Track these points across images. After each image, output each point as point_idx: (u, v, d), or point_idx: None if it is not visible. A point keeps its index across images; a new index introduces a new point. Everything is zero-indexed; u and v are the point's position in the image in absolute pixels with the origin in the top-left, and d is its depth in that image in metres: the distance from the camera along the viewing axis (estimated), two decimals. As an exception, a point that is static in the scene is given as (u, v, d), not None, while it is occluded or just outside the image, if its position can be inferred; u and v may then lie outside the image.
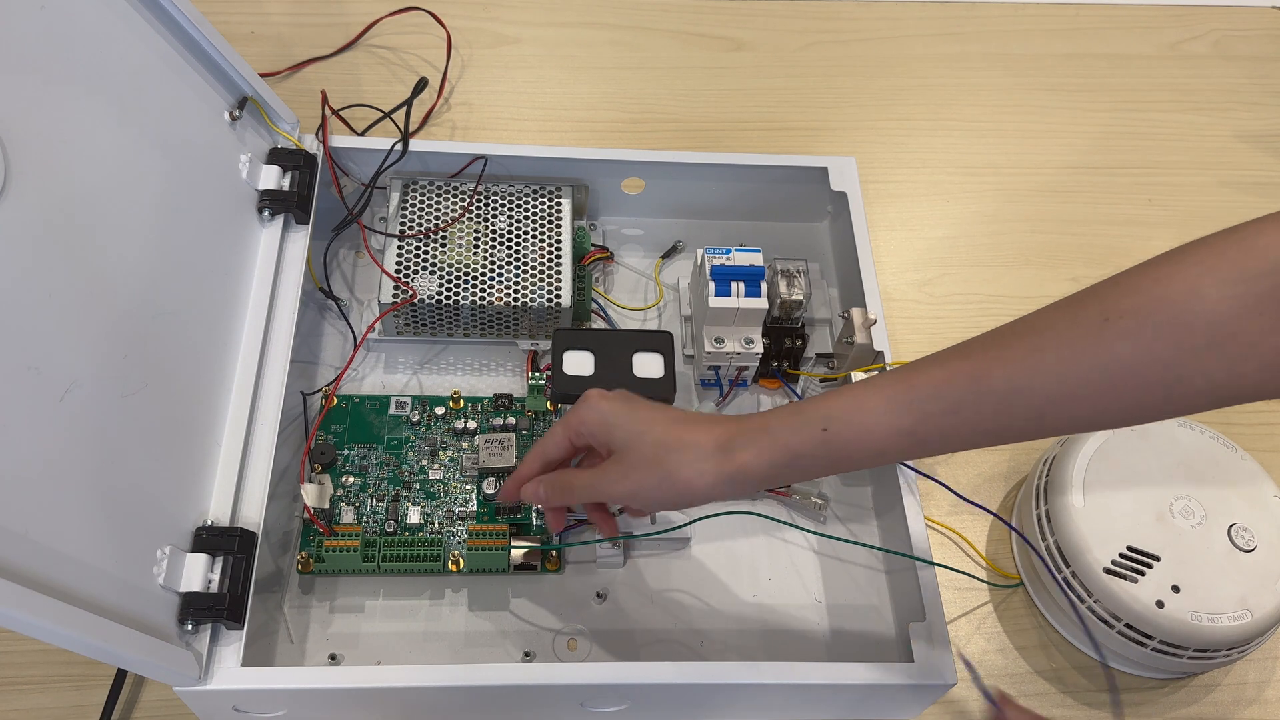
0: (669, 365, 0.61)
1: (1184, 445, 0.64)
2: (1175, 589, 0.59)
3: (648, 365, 0.61)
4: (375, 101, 0.79)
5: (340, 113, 0.77)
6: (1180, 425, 0.65)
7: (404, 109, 0.71)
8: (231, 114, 0.65)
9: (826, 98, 0.92)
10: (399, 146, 0.69)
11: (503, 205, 0.72)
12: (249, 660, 0.54)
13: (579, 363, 0.61)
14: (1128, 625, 0.59)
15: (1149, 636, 0.59)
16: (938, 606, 0.58)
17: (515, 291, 0.68)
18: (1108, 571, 0.59)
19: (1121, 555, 0.60)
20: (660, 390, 0.60)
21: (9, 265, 0.46)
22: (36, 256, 0.48)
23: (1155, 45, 0.99)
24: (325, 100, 0.69)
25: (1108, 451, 0.64)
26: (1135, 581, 0.59)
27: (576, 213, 0.74)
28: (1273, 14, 1.02)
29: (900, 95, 0.93)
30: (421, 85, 0.72)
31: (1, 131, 0.47)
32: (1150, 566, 0.59)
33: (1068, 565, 0.61)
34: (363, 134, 0.73)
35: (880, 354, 0.66)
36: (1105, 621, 0.60)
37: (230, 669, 0.52)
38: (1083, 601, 0.61)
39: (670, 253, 0.78)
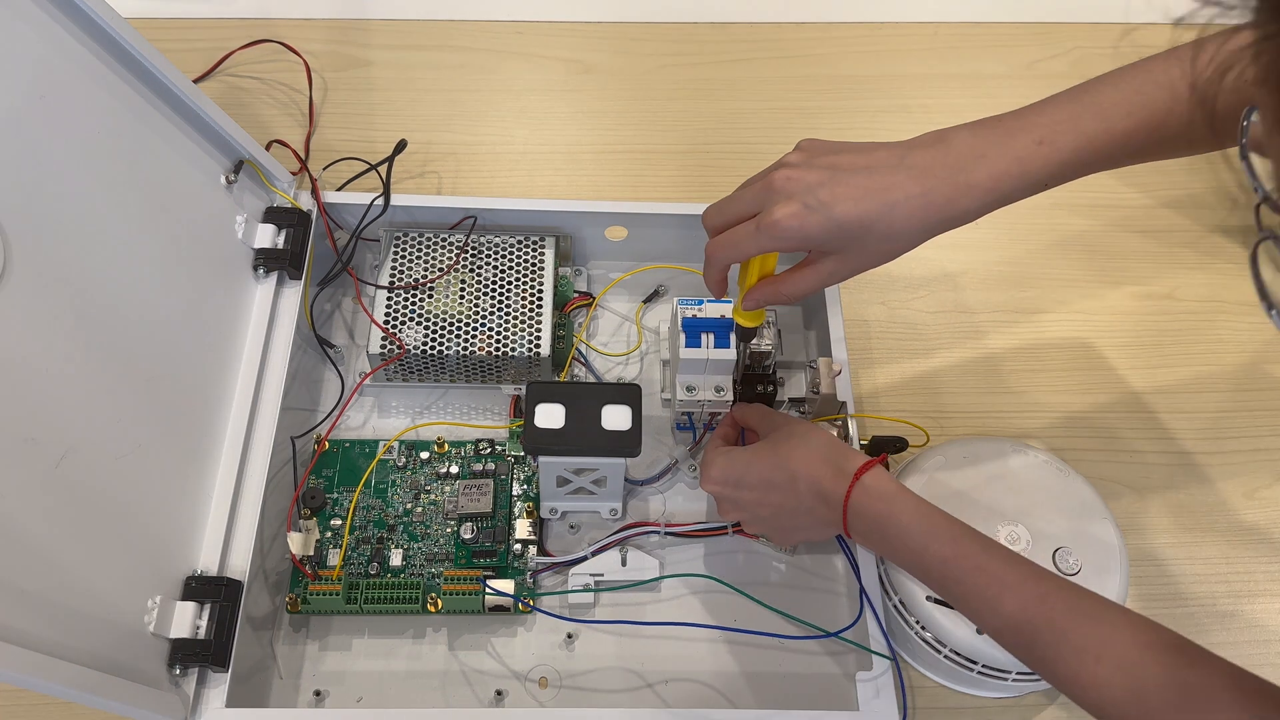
0: (636, 417, 0.64)
1: (1017, 470, 0.66)
2: None
3: (615, 418, 0.64)
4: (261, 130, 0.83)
5: (328, 167, 0.82)
6: (1014, 449, 0.67)
7: (386, 165, 0.75)
8: (227, 178, 0.69)
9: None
10: (379, 202, 0.74)
11: (489, 256, 0.75)
12: (237, 698, 0.58)
13: (550, 415, 0.64)
14: (953, 651, 0.61)
15: (973, 661, 0.61)
16: (885, 658, 0.60)
17: (498, 341, 0.71)
18: (930, 600, 0.62)
19: None
20: (626, 443, 0.63)
21: (8, 346, 0.50)
22: (35, 335, 0.52)
23: (1011, 64, 0.97)
24: (303, 162, 0.74)
25: (940, 480, 0.66)
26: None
27: (562, 260, 0.77)
28: (1136, 30, 0.98)
29: (742, 117, 0.94)
30: (401, 146, 0.77)
31: (1, 217, 0.51)
32: None
33: (896, 593, 0.63)
34: (341, 189, 0.78)
35: (843, 404, 0.69)
36: (933, 647, 0.62)
37: (215, 710, 0.57)
38: (910, 628, 0.63)
39: (652, 297, 0.81)
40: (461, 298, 0.73)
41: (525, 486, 0.70)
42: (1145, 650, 0.47)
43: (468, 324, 0.72)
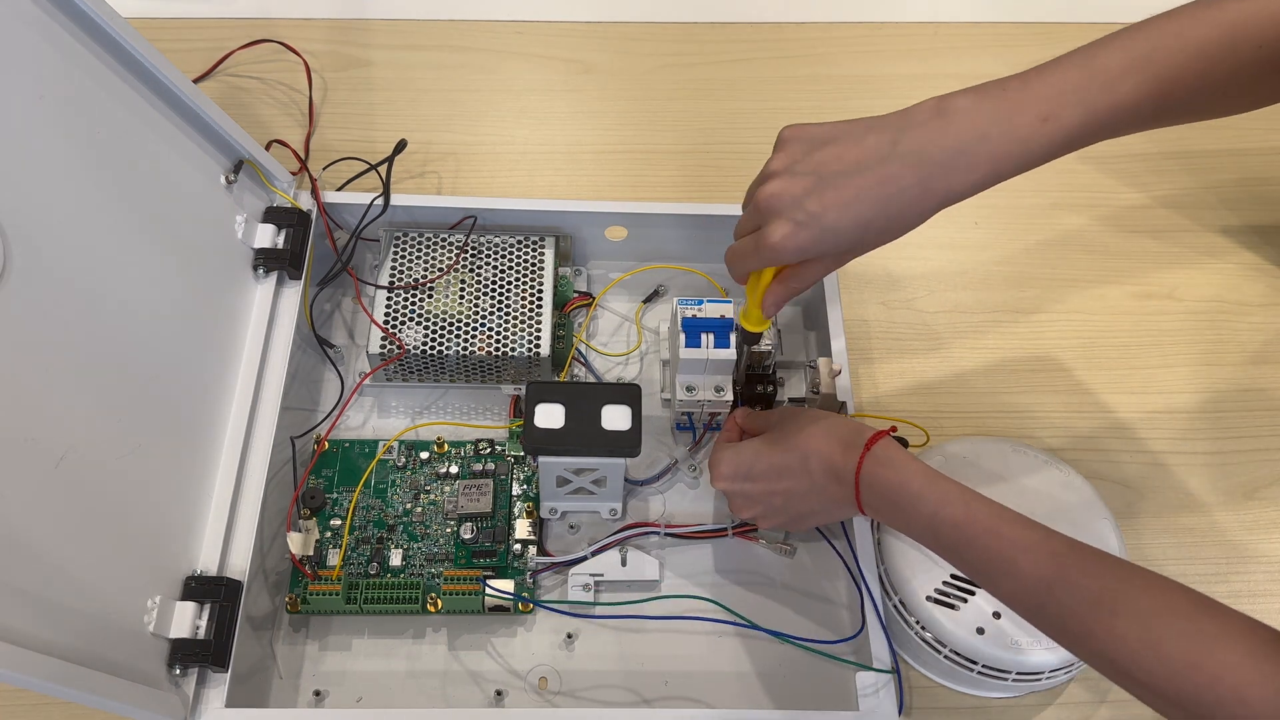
0: (635, 417, 0.64)
1: (1017, 470, 0.66)
2: (996, 615, 0.61)
3: (615, 418, 0.64)
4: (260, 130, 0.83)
5: (328, 167, 0.82)
6: (1014, 449, 0.67)
7: (386, 165, 0.75)
8: (227, 178, 0.69)
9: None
10: (379, 201, 0.74)
11: (489, 256, 0.75)
12: (237, 698, 0.58)
13: (550, 415, 0.64)
14: (953, 651, 0.61)
15: (973, 661, 0.61)
16: (885, 660, 0.61)
17: (498, 341, 0.71)
18: (930, 600, 0.62)
19: (945, 584, 0.62)
20: (626, 443, 0.63)
21: (9, 346, 0.50)
22: (35, 335, 0.52)
23: (1011, 64, 0.95)
24: (302, 162, 0.73)
25: None
26: (957, 609, 0.61)
27: (562, 260, 0.77)
28: None
29: (742, 117, 0.94)
30: (401, 146, 0.77)
31: (1, 217, 0.51)
32: (973, 594, 0.62)
33: (896, 593, 0.63)
34: (341, 189, 0.78)
35: (843, 404, 0.69)
36: (933, 647, 0.62)
37: (215, 710, 0.57)
38: (910, 629, 0.63)
39: (652, 297, 0.81)
40: (461, 298, 0.73)
41: (525, 486, 0.70)
42: (1161, 603, 0.46)
43: (468, 324, 0.72)
